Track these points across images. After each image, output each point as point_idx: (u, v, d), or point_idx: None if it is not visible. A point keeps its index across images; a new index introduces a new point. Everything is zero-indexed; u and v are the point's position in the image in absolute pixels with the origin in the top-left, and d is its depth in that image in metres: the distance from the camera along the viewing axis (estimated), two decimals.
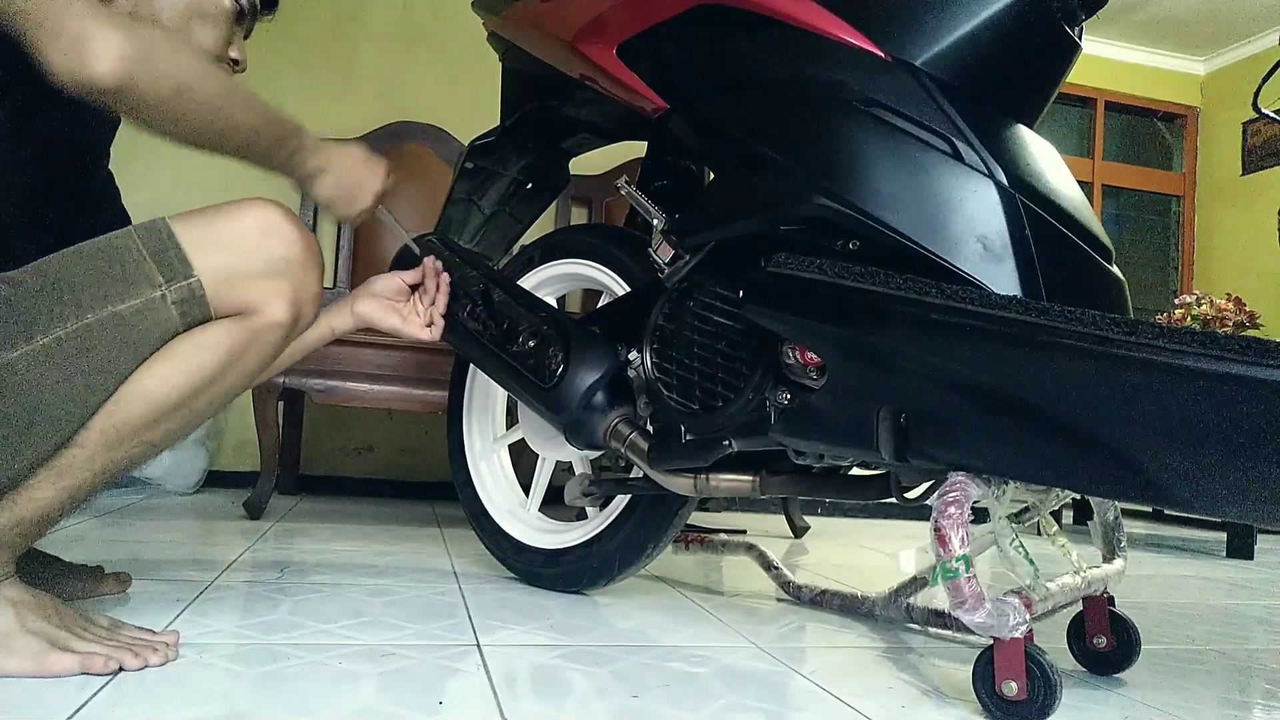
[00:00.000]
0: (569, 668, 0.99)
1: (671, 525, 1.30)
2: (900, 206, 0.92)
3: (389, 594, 1.29)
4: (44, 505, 0.85)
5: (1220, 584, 2.06)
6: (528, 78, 1.46)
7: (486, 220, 1.58)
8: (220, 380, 0.91)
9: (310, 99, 2.77)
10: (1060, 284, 0.91)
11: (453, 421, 1.61)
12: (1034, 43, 1.01)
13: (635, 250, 1.34)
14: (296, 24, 2.72)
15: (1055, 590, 0.98)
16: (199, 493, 2.45)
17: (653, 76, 1.18)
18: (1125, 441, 0.76)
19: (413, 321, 1.24)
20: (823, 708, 0.91)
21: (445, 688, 0.89)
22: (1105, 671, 1.11)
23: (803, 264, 0.97)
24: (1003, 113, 1.01)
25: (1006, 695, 0.87)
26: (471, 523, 1.54)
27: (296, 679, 0.88)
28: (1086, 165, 4.21)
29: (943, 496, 0.88)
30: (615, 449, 1.23)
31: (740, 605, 1.41)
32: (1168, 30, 4.06)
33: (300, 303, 0.94)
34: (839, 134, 0.97)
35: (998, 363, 0.82)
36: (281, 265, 0.91)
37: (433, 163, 2.70)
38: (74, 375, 0.83)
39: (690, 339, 1.14)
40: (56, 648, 0.83)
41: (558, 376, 1.23)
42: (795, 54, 1.03)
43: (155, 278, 0.86)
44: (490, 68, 1.60)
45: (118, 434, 0.86)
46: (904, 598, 1.31)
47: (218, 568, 1.40)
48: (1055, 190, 0.97)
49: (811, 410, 0.98)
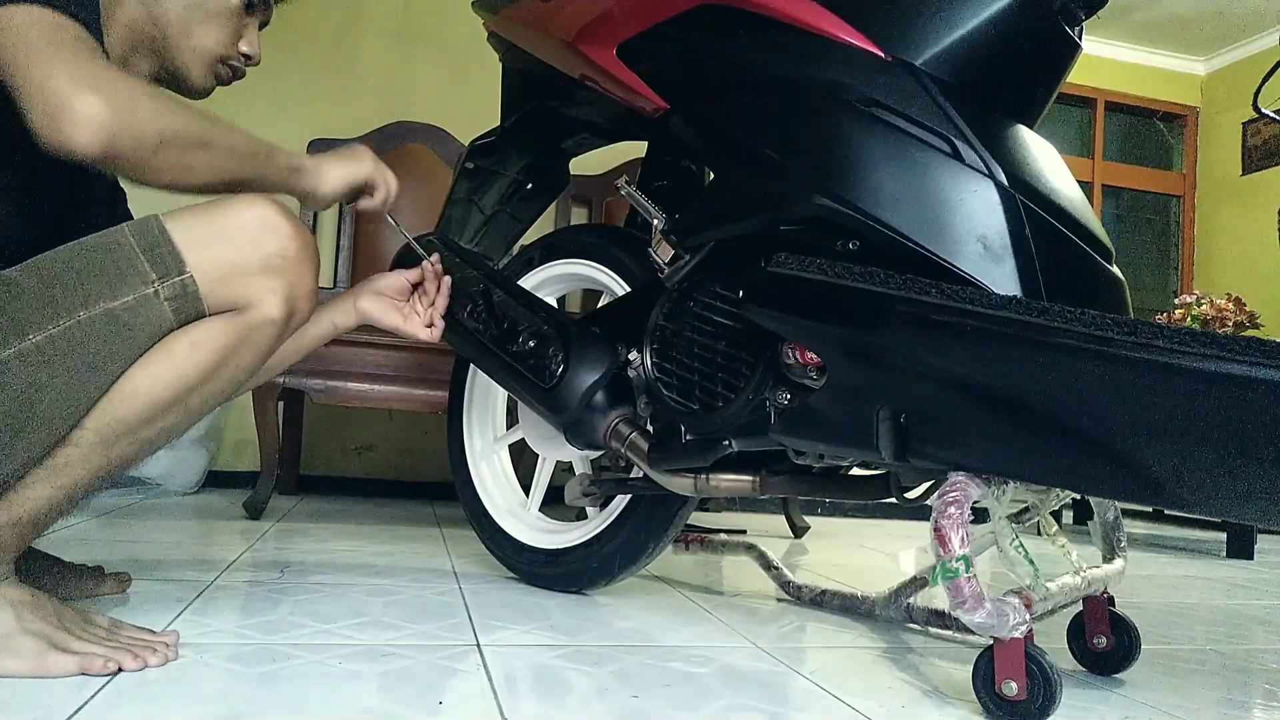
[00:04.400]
0: (569, 668, 0.99)
1: (672, 525, 1.30)
2: (900, 206, 0.92)
3: (389, 594, 1.29)
4: (40, 504, 0.85)
5: (1220, 584, 2.06)
6: (528, 78, 1.46)
7: (487, 220, 1.59)
8: (215, 377, 0.91)
9: (311, 99, 2.78)
10: (1060, 284, 0.91)
11: (453, 421, 1.61)
12: (1034, 43, 1.01)
13: (635, 250, 1.34)
14: (297, 24, 2.71)
15: (1055, 590, 0.98)
16: (199, 493, 2.45)
17: (653, 76, 1.18)
18: (1125, 441, 0.76)
19: (414, 321, 1.24)
20: (823, 708, 0.91)
21: (445, 688, 0.89)
22: (1105, 671, 1.11)
23: (803, 264, 0.96)
24: (1003, 113, 1.01)
25: (1006, 695, 0.87)
26: (472, 523, 1.54)
27: (296, 679, 0.88)
28: (1086, 165, 4.21)
29: (943, 496, 0.88)
30: (615, 449, 1.23)
31: (740, 605, 1.41)
32: (1168, 30, 4.06)
33: (294, 299, 0.93)
34: (839, 134, 0.97)
35: (998, 363, 0.82)
36: (276, 261, 0.91)
37: (433, 163, 2.70)
38: (68, 373, 0.83)
39: (690, 339, 1.14)
40: (56, 648, 0.83)
41: (558, 376, 1.23)
42: (795, 54, 1.03)
43: (148, 274, 0.85)
44: (490, 68, 1.60)
45: (113, 431, 0.86)
46: (904, 598, 1.31)
47: (218, 568, 1.40)
48: (1055, 190, 0.97)
49: (811, 410, 0.97)
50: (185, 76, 1.11)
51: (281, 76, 2.70)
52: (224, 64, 1.13)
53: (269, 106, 2.70)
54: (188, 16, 1.07)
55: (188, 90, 1.13)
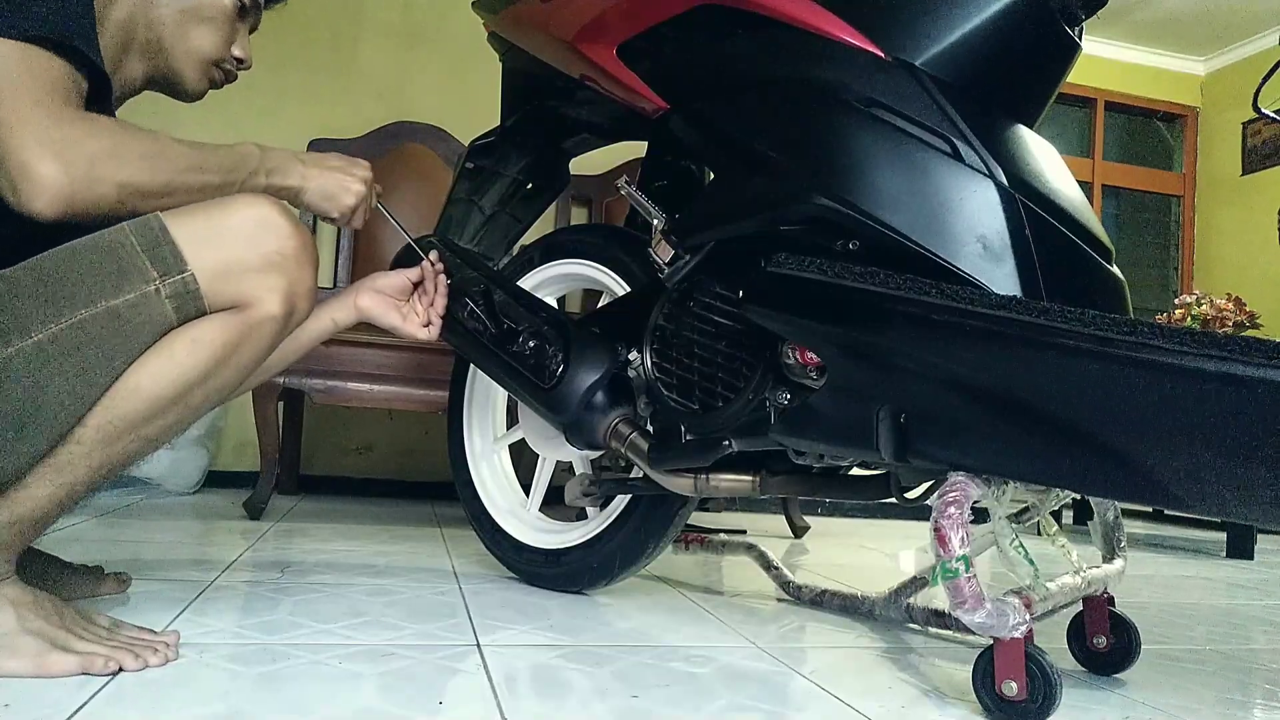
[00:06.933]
0: (569, 668, 0.99)
1: (672, 525, 1.30)
2: (900, 206, 0.92)
3: (389, 594, 1.29)
4: (42, 503, 0.85)
5: (1220, 584, 2.06)
6: (528, 78, 1.46)
7: (487, 220, 1.58)
8: (215, 375, 0.91)
9: (310, 99, 2.78)
10: (1060, 284, 0.91)
11: (453, 421, 1.61)
12: (1034, 43, 1.01)
13: (635, 250, 1.34)
14: (296, 24, 2.71)
15: (1055, 590, 0.98)
16: (199, 493, 2.45)
17: (653, 76, 1.18)
18: (1125, 441, 0.76)
19: (412, 321, 1.24)
20: (823, 708, 0.91)
21: (445, 688, 0.89)
22: (1105, 671, 1.11)
23: (803, 264, 0.96)
24: (1003, 113, 1.01)
25: (1006, 695, 0.87)
26: (472, 523, 1.54)
27: (296, 679, 0.88)
28: (1086, 165, 4.21)
29: (943, 496, 0.88)
30: (615, 449, 1.23)
31: (740, 605, 1.41)
32: (1168, 30, 4.06)
33: (294, 297, 0.94)
34: (839, 134, 0.97)
35: (998, 363, 0.82)
36: (276, 259, 0.91)
37: (433, 163, 2.70)
38: (69, 371, 0.83)
39: (690, 339, 1.14)
40: (56, 648, 0.83)
41: (558, 377, 1.23)
42: (795, 54, 1.03)
43: (149, 273, 0.86)
44: (490, 68, 1.60)
45: (114, 430, 0.86)
46: (904, 598, 1.31)
47: (218, 568, 1.40)
48: (1055, 190, 0.97)
49: (811, 410, 0.98)
50: (179, 79, 1.11)
51: (281, 76, 2.71)
52: (217, 67, 1.13)
53: (269, 106, 2.70)
54: (183, 19, 1.08)
55: (182, 93, 1.13)
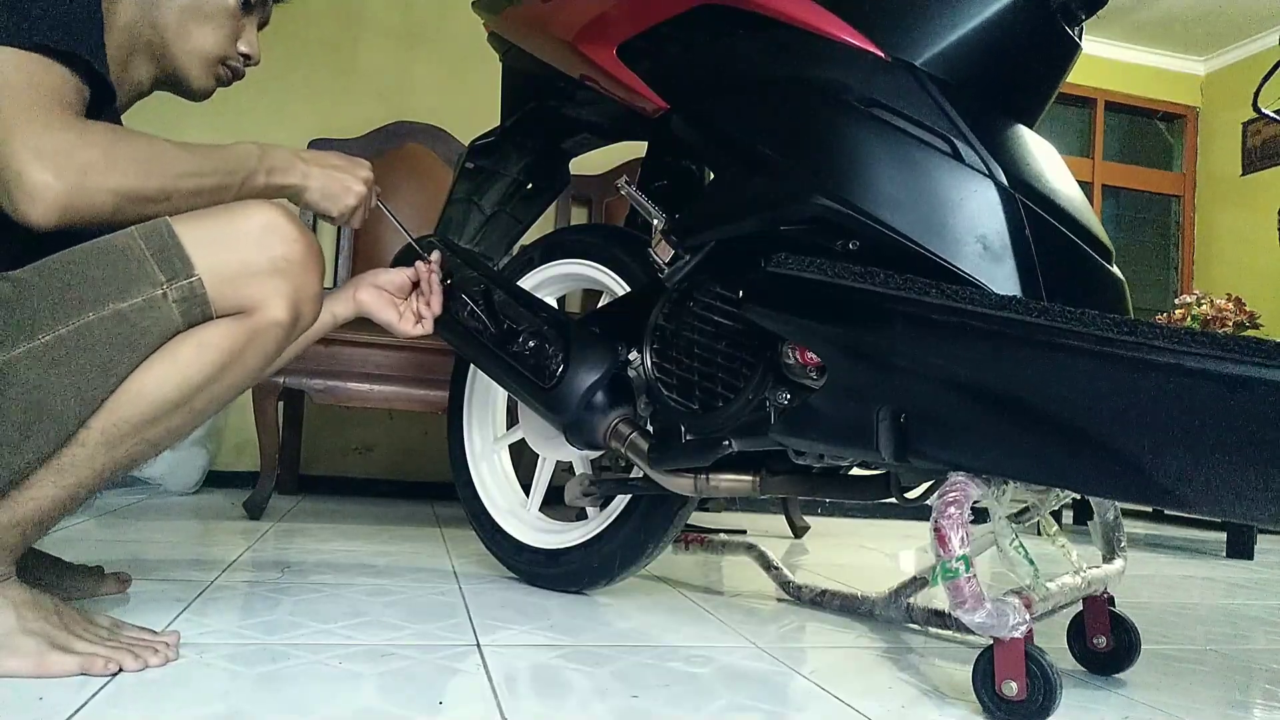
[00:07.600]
0: (569, 668, 0.99)
1: (672, 525, 1.30)
2: (900, 206, 0.92)
3: (389, 594, 1.29)
4: (44, 504, 0.85)
5: (1220, 584, 2.06)
6: (528, 78, 1.46)
7: (487, 220, 1.58)
8: (220, 379, 0.91)
9: (310, 99, 2.78)
10: (1060, 284, 0.91)
11: (453, 421, 1.61)
12: (1034, 43, 1.01)
13: (635, 250, 1.34)
14: (297, 24, 2.71)
15: (1055, 590, 0.98)
16: (199, 493, 2.45)
17: (653, 77, 1.18)
18: (1125, 441, 0.76)
19: (408, 318, 1.26)
20: (823, 708, 0.91)
21: (445, 688, 0.89)
22: (1105, 671, 1.11)
23: (803, 264, 0.96)
24: (1003, 113, 1.01)
25: (1006, 695, 0.87)
26: (472, 523, 1.54)
27: (296, 679, 0.88)
28: (1086, 165, 4.21)
29: (943, 496, 0.88)
30: (615, 449, 1.23)
31: (740, 605, 1.41)
32: (1168, 30, 4.06)
33: (300, 302, 0.94)
34: (839, 134, 0.97)
35: (997, 363, 0.82)
36: (282, 264, 0.92)
37: (433, 163, 2.70)
38: (75, 374, 0.83)
39: (690, 339, 1.14)
40: (56, 648, 0.84)
41: (558, 377, 1.23)
42: (795, 54, 1.03)
43: (157, 276, 0.86)
44: (490, 68, 1.60)
45: (118, 432, 0.86)
46: (904, 598, 1.31)
47: (218, 568, 1.40)
48: (1055, 190, 0.97)
49: (811, 410, 0.98)
50: (185, 79, 1.11)
51: (282, 76, 2.70)
52: (223, 65, 1.13)
53: (269, 106, 2.70)
54: (185, 19, 1.07)
55: (188, 92, 1.13)
